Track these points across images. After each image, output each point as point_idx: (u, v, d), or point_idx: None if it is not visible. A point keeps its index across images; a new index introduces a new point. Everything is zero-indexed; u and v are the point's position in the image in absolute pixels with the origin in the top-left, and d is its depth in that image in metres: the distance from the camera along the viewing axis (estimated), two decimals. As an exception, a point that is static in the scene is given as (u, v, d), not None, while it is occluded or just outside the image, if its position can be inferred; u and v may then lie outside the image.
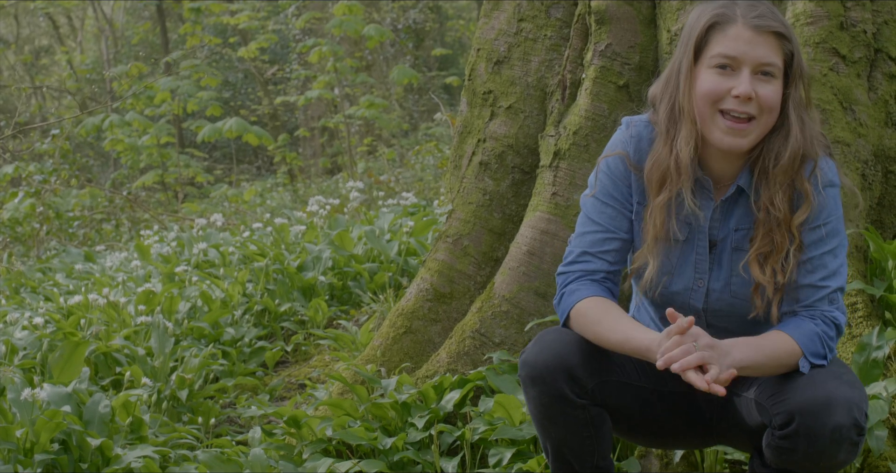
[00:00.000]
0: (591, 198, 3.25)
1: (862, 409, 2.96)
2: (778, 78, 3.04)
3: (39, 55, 26.38)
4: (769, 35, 3.01)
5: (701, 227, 3.17)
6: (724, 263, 3.19)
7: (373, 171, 13.99)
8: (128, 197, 13.71)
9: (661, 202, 3.14)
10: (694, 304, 3.22)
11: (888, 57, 4.35)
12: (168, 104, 15.64)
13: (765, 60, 3.01)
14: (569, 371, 3.12)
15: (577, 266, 3.22)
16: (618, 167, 3.22)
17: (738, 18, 3.02)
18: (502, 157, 4.96)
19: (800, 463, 2.99)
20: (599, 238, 3.22)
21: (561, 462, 3.25)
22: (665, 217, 3.14)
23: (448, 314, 4.91)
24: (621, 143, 3.22)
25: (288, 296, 6.36)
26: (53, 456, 4.18)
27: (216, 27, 20.78)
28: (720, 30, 3.04)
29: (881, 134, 4.32)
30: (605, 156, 3.24)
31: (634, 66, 4.68)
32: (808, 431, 2.92)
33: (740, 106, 3.01)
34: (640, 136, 3.22)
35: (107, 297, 6.18)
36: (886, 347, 3.94)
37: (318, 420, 4.40)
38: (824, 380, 2.99)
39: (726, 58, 3.02)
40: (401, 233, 6.75)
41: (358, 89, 18.82)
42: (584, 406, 3.15)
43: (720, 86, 3.02)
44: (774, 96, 3.03)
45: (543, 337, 3.19)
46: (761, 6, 3.05)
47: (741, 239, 3.17)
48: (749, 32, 3.01)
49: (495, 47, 5.06)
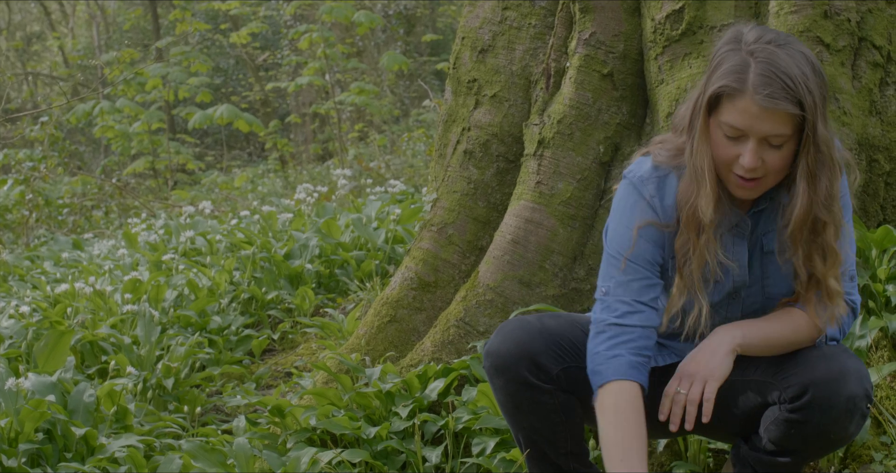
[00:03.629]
0: (629, 253, 3.16)
1: (870, 381, 3.03)
2: (789, 141, 2.96)
3: (31, 41, 26.32)
4: (779, 112, 2.91)
5: (738, 262, 3.16)
6: (755, 268, 3.19)
7: (362, 158, 13.97)
8: (117, 184, 13.68)
9: (703, 243, 3.08)
10: (731, 316, 3.23)
11: (872, 45, 4.34)
12: (159, 90, 15.60)
13: (771, 133, 2.93)
14: (532, 358, 3.14)
15: (635, 318, 3.12)
16: (653, 232, 3.17)
17: (747, 92, 2.92)
18: (487, 146, 4.95)
19: (808, 438, 3.02)
20: (646, 284, 3.16)
21: (535, 450, 3.26)
22: (710, 255, 3.09)
23: (433, 303, 4.91)
24: (650, 210, 3.15)
25: (275, 284, 6.35)
26: (38, 446, 4.18)
27: (207, 13, 20.74)
28: (729, 99, 2.95)
29: (865, 122, 4.32)
30: (639, 226, 3.13)
31: (619, 54, 4.67)
32: (823, 401, 2.96)
33: (747, 174, 2.97)
34: (660, 196, 3.15)
35: (93, 286, 6.16)
36: (869, 337, 3.95)
37: (303, 410, 4.40)
38: (834, 353, 3.06)
39: (733, 128, 2.95)
40: (388, 220, 6.74)
41: (349, 75, 18.79)
42: (550, 392, 3.16)
43: (730, 154, 2.98)
44: (782, 161, 2.98)
45: (505, 326, 3.21)
46: (776, 77, 2.91)
47: (769, 241, 3.16)
48: (757, 108, 2.91)
49: (480, 36, 5.05)
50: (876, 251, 4.21)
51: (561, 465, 3.29)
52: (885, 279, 4.19)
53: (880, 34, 4.36)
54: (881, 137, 4.34)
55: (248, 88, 21.76)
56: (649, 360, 3.13)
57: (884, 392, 3.94)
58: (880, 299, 4.15)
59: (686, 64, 4.46)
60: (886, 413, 3.84)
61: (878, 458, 3.78)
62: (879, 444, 3.84)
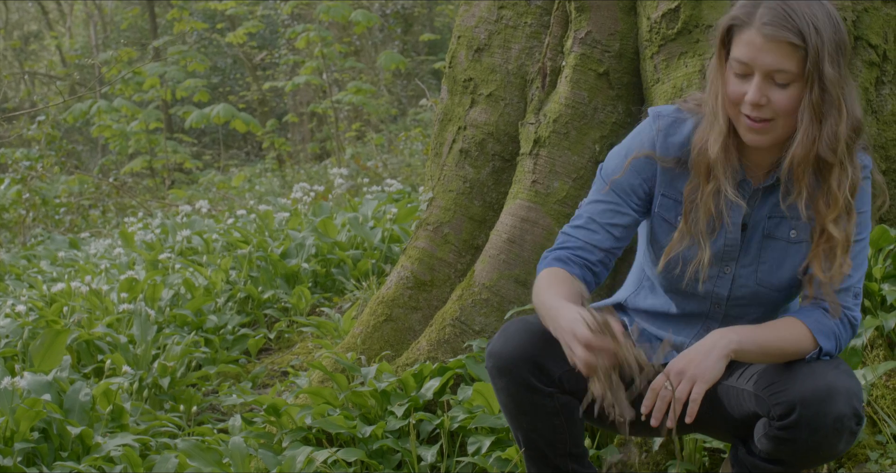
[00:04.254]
0: (605, 182, 3.22)
1: (860, 398, 2.98)
2: (796, 81, 2.95)
3: (29, 40, 26.30)
4: (780, 43, 2.92)
5: (732, 218, 3.16)
6: (751, 249, 3.17)
7: (360, 157, 13.97)
8: (114, 183, 13.68)
9: (710, 190, 3.09)
10: (719, 292, 3.21)
11: (868, 44, 4.34)
12: (156, 90, 15.60)
13: (774, 68, 2.93)
14: (534, 360, 3.12)
15: (582, 233, 3.21)
16: (642, 163, 3.20)
17: (753, 22, 2.94)
18: (482, 145, 4.95)
19: (797, 453, 3.00)
20: (611, 209, 3.21)
21: (533, 451, 3.26)
22: (715, 204, 3.10)
23: (428, 302, 4.91)
24: (649, 141, 3.18)
25: (271, 284, 6.35)
26: (33, 445, 4.18)
27: (205, 12, 20.73)
28: (738, 32, 2.98)
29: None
30: (634, 157, 3.18)
31: (615, 53, 4.67)
32: (810, 421, 2.92)
33: (754, 112, 2.96)
34: (667, 130, 3.17)
35: (89, 285, 6.17)
36: (865, 336, 3.95)
37: (298, 409, 4.40)
38: (824, 370, 3.00)
39: (740, 63, 2.96)
40: (384, 219, 6.74)
41: (346, 75, 18.79)
42: (552, 395, 3.16)
43: (738, 91, 2.98)
44: (788, 101, 2.96)
45: (508, 327, 3.19)
46: (782, 9, 2.92)
47: (774, 226, 3.15)
48: (760, 39, 2.92)
49: (476, 35, 5.05)
50: (871, 250, 4.21)
51: (559, 466, 3.29)
52: (881, 278, 4.19)
53: (876, 33, 4.36)
54: (877, 136, 4.34)
55: (245, 88, 21.75)
56: (590, 272, 3.19)
57: (879, 391, 3.94)
58: (876, 298, 4.15)
59: (682, 63, 4.46)
60: (882, 412, 3.84)
61: (874, 457, 3.78)
62: (875, 443, 3.84)
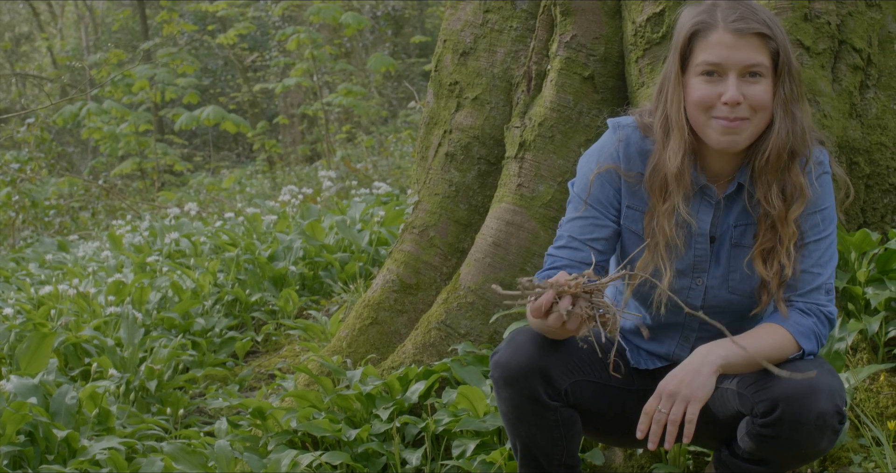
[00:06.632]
0: (581, 199, 3.22)
1: (843, 397, 3.00)
2: (767, 76, 3.01)
3: (20, 42, 26.28)
4: (751, 36, 2.98)
5: (699, 228, 3.17)
6: (721, 259, 3.19)
7: (349, 159, 13.97)
8: (104, 185, 13.66)
9: (667, 209, 3.11)
10: (692, 303, 3.22)
11: (852, 48, 4.35)
12: (146, 92, 15.59)
13: (750, 62, 2.98)
14: (543, 373, 3.10)
15: (566, 252, 3.20)
16: (610, 175, 3.20)
17: (718, 23, 2.99)
18: (468, 149, 4.96)
19: (780, 451, 3.01)
20: (591, 223, 3.20)
21: (529, 460, 3.25)
22: (673, 223, 3.12)
23: (414, 305, 4.92)
24: (610, 155, 3.19)
25: (259, 286, 6.36)
26: (20, 448, 4.17)
27: (195, 14, 20.72)
28: (702, 37, 3.01)
29: (845, 125, 4.33)
30: (597, 171, 3.19)
31: (600, 57, 4.69)
32: (793, 418, 2.94)
33: (731, 112, 2.99)
34: (627, 141, 3.19)
35: (77, 288, 6.17)
36: (848, 339, 3.96)
37: (284, 412, 4.40)
38: (807, 368, 3.01)
39: (711, 65, 2.99)
40: (372, 222, 6.75)
41: (337, 77, 18.79)
42: (556, 409, 3.15)
43: (709, 94, 3.00)
44: (764, 95, 3.01)
45: (516, 337, 3.15)
46: (741, 6, 3.01)
47: (739, 235, 3.17)
48: (730, 37, 2.97)
49: (461, 38, 5.06)
50: (855, 254, 4.21)
51: (553, 475, 3.30)
52: (865, 282, 4.19)
53: (860, 37, 4.37)
54: (861, 140, 4.35)
55: (236, 89, 21.76)
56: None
57: (862, 394, 3.95)
58: (860, 302, 4.16)
59: (666, 67, 4.47)
60: (864, 415, 3.85)
61: (857, 460, 3.79)
62: (858, 446, 3.85)
